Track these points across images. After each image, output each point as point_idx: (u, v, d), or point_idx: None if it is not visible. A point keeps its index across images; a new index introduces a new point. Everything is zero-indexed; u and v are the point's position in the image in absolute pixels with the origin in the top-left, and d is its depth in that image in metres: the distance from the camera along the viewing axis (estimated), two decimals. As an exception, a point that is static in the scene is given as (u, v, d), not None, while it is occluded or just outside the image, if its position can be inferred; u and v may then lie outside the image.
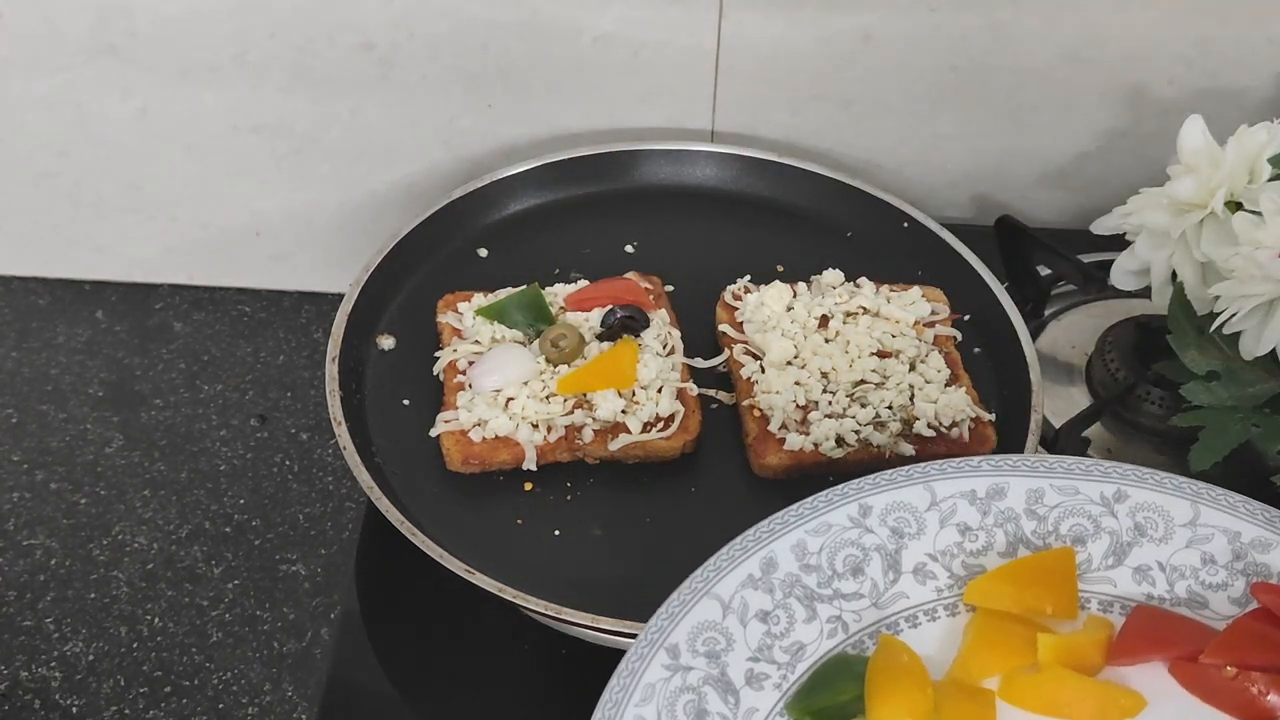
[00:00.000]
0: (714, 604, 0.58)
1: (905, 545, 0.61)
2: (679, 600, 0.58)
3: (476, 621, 0.76)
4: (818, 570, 0.60)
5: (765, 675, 0.58)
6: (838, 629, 0.59)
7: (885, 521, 0.61)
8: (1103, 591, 0.61)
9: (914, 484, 0.62)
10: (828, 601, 0.59)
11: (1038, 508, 0.61)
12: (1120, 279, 0.81)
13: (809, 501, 0.61)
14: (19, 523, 0.84)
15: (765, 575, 0.59)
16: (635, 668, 0.57)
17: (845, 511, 0.61)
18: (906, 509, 0.61)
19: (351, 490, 0.87)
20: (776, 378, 0.78)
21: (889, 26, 0.90)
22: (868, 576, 0.60)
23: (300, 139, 0.93)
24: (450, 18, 0.87)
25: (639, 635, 0.58)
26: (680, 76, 0.92)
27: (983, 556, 0.61)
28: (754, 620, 0.58)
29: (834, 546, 0.60)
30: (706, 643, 0.58)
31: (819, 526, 0.60)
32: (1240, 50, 0.91)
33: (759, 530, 0.60)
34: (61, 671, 0.77)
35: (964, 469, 0.62)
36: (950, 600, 0.61)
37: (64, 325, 0.97)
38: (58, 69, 0.89)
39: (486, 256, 0.89)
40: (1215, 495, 0.61)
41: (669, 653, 0.57)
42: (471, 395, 0.77)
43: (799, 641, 0.59)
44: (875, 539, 0.61)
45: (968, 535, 0.61)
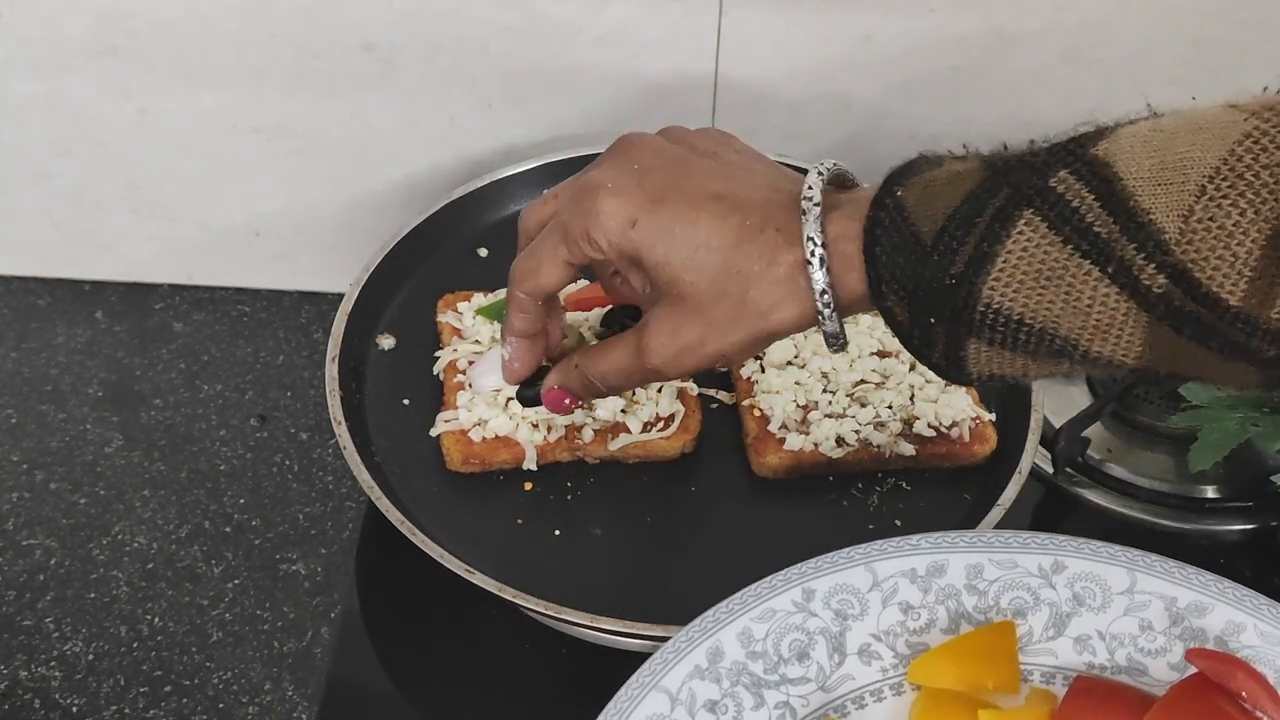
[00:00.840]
0: (662, 697, 0.58)
1: (849, 627, 0.61)
2: (626, 695, 0.58)
3: (476, 621, 0.76)
4: (764, 657, 0.60)
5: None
6: (786, 714, 0.59)
7: (829, 604, 0.61)
8: (1044, 663, 0.61)
9: (855, 565, 0.62)
10: (775, 688, 0.60)
11: (978, 583, 0.62)
12: (1120, 279, 0.81)
13: (753, 588, 0.61)
14: (19, 523, 0.84)
15: (712, 665, 0.59)
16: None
17: (789, 596, 0.61)
18: (849, 590, 0.62)
19: (351, 490, 0.87)
20: (776, 378, 0.78)
21: (889, 26, 0.90)
22: (813, 660, 0.60)
23: (300, 139, 0.93)
24: (451, 18, 0.87)
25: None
26: (680, 76, 0.92)
27: (926, 634, 0.61)
28: (702, 710, 0.58)
29: (779, 632, 0.60)
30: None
31: (764, 613, 0.61)
32: (1240, 50, 0.91)
33: (704, 620, 0.60)
34: (61, 671, 0.77)
35: (904, 548, 0.62)
36: (895, 680, 0.61)
37: (63, 325, 0.97)
38: (58, 69, 0.89)
39: (486, 256, 0.89)
40: (1150, 562, 0.62)
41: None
42: (471, 395, 0.77)
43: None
44: (819, 622, 0.61)
45: (910, 614, 0.62)
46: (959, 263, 0.50)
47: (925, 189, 0.53)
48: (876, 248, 0.52)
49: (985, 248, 0.50)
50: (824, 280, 0.54)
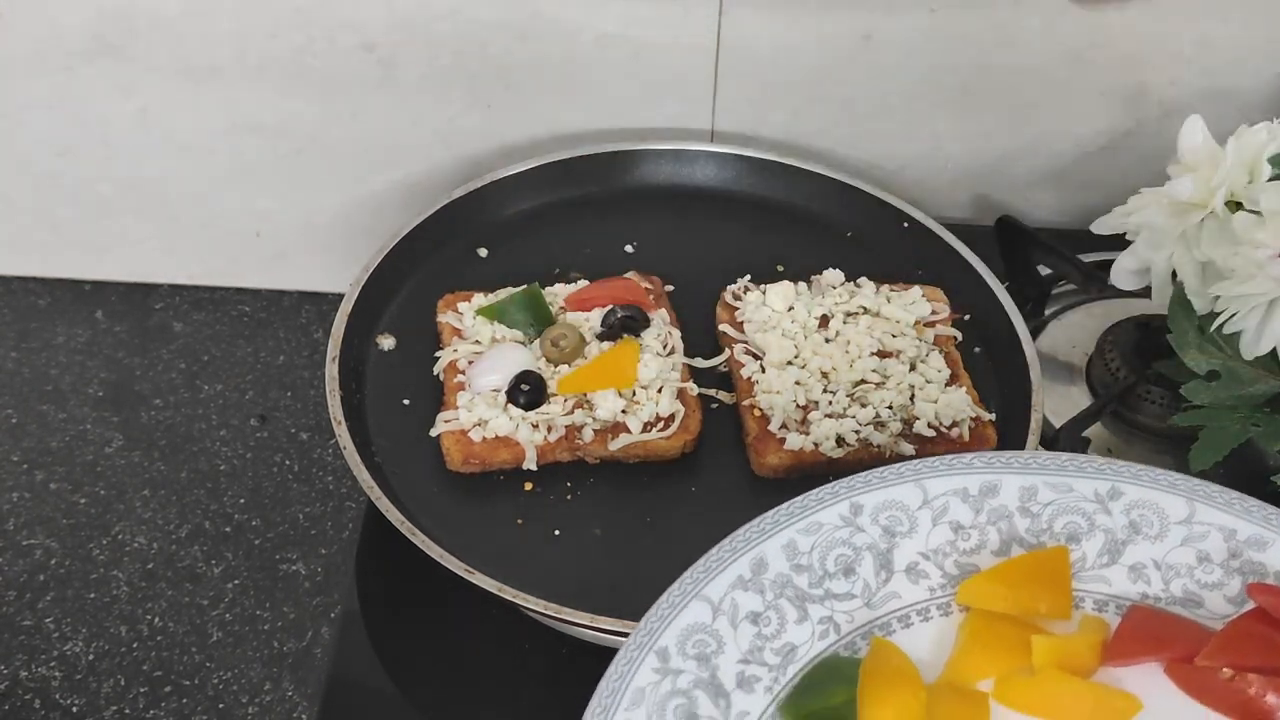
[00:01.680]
0: (704, 606, 0.57)
1: (897, 544, 0.60)
2: (668, 602, 0.57)
3: (476, 621, 0.76)
4: (809, 570, 0.59)
5: (756, 678, 0.57)
6: (829, 630, 0.58)
7: (877, 520, 0.60)
8: (1097, 590, 0.60)
9: (905, 482, 0.61)
10: (819, 602, 0.59)
11: (1031, 505, 0.61)
12: (1120, 279, 0.81)
13: (799, 500, 0.60)
14: (19, 523, 0.84)
15: (755, 576, 0.58)
16: (624, 671, 0.56)
17: (836, 510, 0.60)
18: (898, 507, 0.61)
19: (351, 490, 0.87)
20: (777, 378, 0.78)
21: (889, 26, 0.90)
22: (859, 576, 0.59)
23: (300, 139, 0.93)
24: (450, 18, 0.87)
25: (628, 638, 0.57)
26: (680, 76, 0.92)
27: (976, 555, 0.60)
28: (744, 622, 0.58)
29: (825, 546, 0.60)
30: (696, 645, 0.57)
31: (810, 526, 0.60)
32: (1240, 50, 0.91)
33: (749, 530, 0.59)
34: (61, 671, 0.77)
35: (956, 466, 0.61)
36: (943, 600, 0.60)
37: (64, 325, 0.97)
38: (58, 69, 0.89)
39: (486, 256, 0.89)
40: (1211, 492, 0.60)
41: (658, 656, 0.56)
42: (471, 395, 0.77)
43: (790, 643, 0.58)
44: (867, 538, 0.60)
45: (960, 534, 0.61)
46: None
47: None
48: None
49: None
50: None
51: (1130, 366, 0.86)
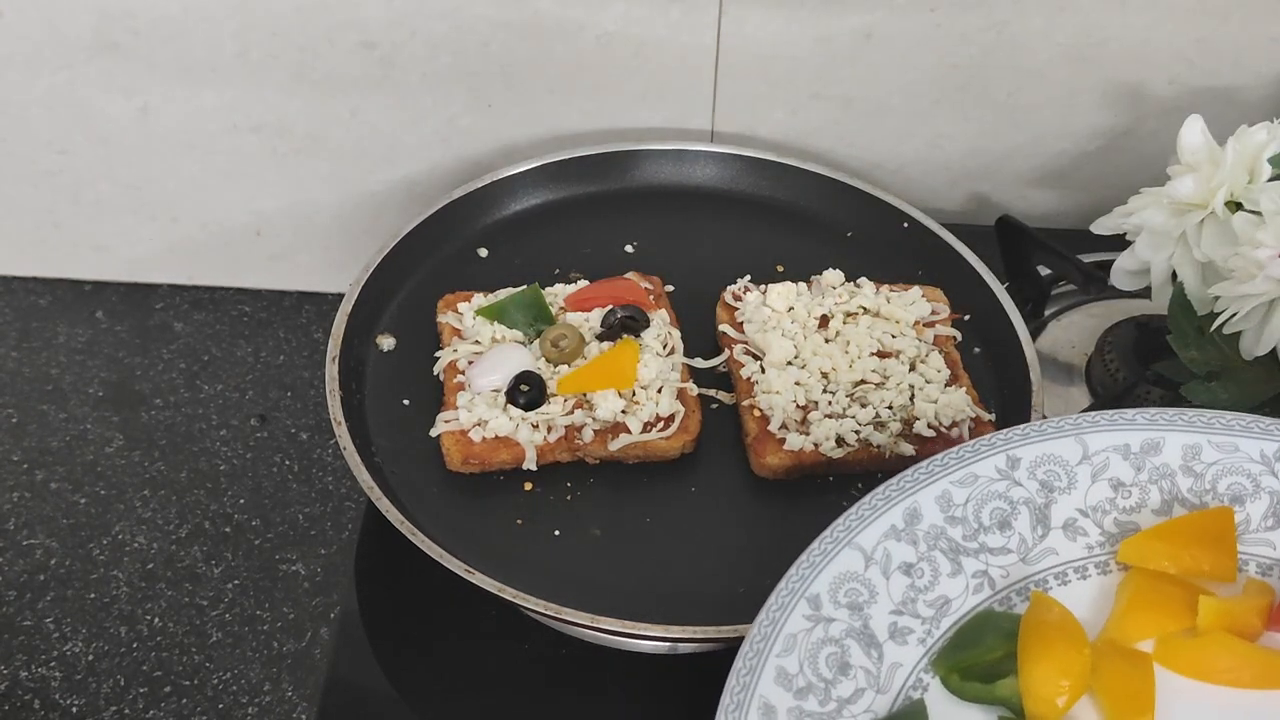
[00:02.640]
0: (856, 555, 0.57)
1: (1055, 500, 0.59)
2: (820, 549, 0.57)
3: (476, 621, 0.76)
4: (963, 523, 0.58)
5: (909, 630, 0.57)
6: (984, 584, 0.58)
7: (1034, 474, 0.59)
8: (1262, 554, 0.59)
9: (1065, 436, 0.60)
10: (973, 555, 0.58)
11: (1194, 464, 0.59)
12: (1120, 279, 0.81)
13: (954, 451, 0.59)
14: (19, 523, 0.84)
15: (909, 526, 0.58)
16: (776, 618, 0.55)
17: (993, 462, 0.59)
18: (1057, 462, 0.59)
19: (351, 490, 0.87)
20: (776, 378, 0.78)
21: (889, 26, 0.90)
22: (1015, 531, 0.58)
23: (300, 139, 0.93)
24: (451, 17, 0.87)
25: (779, 584, 0.56)
26: (680, 76, 0.92)
27: (1136, 514, 0.59)
28: (897, 572, 0.57)
29: (980, 499, 0.59)
30: (848, 594, 0.56)
31: (965, 477, 0.59)
32: (1240, 50, 0.91)
33: (902, 480, 0.59)
34: (61, 671, 0.77)
35: (1118, 422, 0.60)
36: (1102, 558, 0.59)
37: (64, 325, 0.97)
38: (58, 68, 0.89)
39: (486, 256, 0.89)
40: None
41: (810, 603, 0.56)
42: (471, 395, 0.77)
43: (944, 596, 0.57)
44: (1023, 492, 0.59)
45: (1120, 491, 0.59)
46: None
47: None
48: None
49: None
50: None
51: (1130, 366, 0.86)
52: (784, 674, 0.55)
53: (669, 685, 0.74)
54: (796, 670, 0.55)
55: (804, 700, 0.55)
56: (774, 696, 0.54)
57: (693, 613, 0.68)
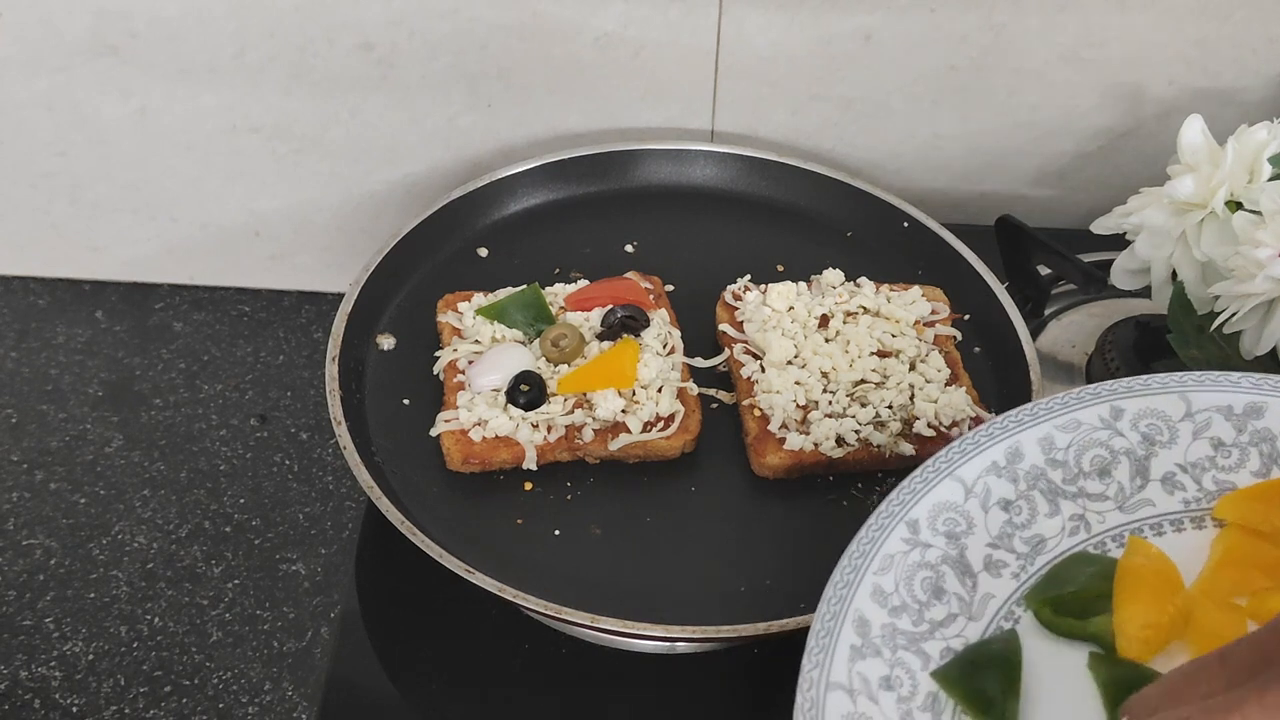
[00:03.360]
0: (956, 486, 0.58)
1: (1155, 453, 0.60)
2: (921, 477, 0.58)
3: (476, 621, 0.76)
4: (1064, 466, 0.60)
5: (1004, 563, 0.58)
6: (1080, 527, 0.59)
7: (1137, 426, 0.60)
8: None
9: (1169, 392, 0.61)
10: (1071, 499, 0.59)
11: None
12: (1120, 279, 0.81)
13: (1059, 397, 0.61)
14: (19, 523, 0.84)
15: (1010, 465, 0.59)
16: (875, 537, 0.57)
17: (1096, 411, 0.60)
18: (1159, 416, 0.60)
19: (351, 490, 0.87)
20: (777, 377, 0.78)
21: (889, 26, 0.90)
22: (1114, 479, 0.60)
23: (300, 139, 0.93)
24: (450, 18, 0.87)
25: (879, 508, 0.58)
26: (680, 76, 0.92)
27: (1234, 474, 0.60)
28: (995, 508, 0.58)
29: (1082, 445, 0.60)
30: (946, 523, 0.58)
31: (1068, 423, 0.60)
32: (1240, 50, 0.91)
33: (1006, 419, 0.60)
34: (61, 671, 0.77)
35: (1222, 383, 0.61)
36: (1198, 513, 0.60)
37: (64, 325, 0.97)
38: (57, 69, 0.89)
39: (486, 256, 0.89)
40: None
41: (909, 527, 0.58)
42: (471, 395, 0.77)
43: (1040, 535, 0.59)
44: (1125, 442, 0.60)
45: (1220, 450, 0.60)
46: None
47: None
48: None
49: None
50: None
51: (1130, 366, 0.86)
52: (880, 591, 0.57)
53: (669, 685, 0.74)
54: (892, 589, 0.57)
55: (897, 618, 0.57)
56: (869, 611, 0.57)
57: (693, 613, 0.68)
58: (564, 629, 0.74)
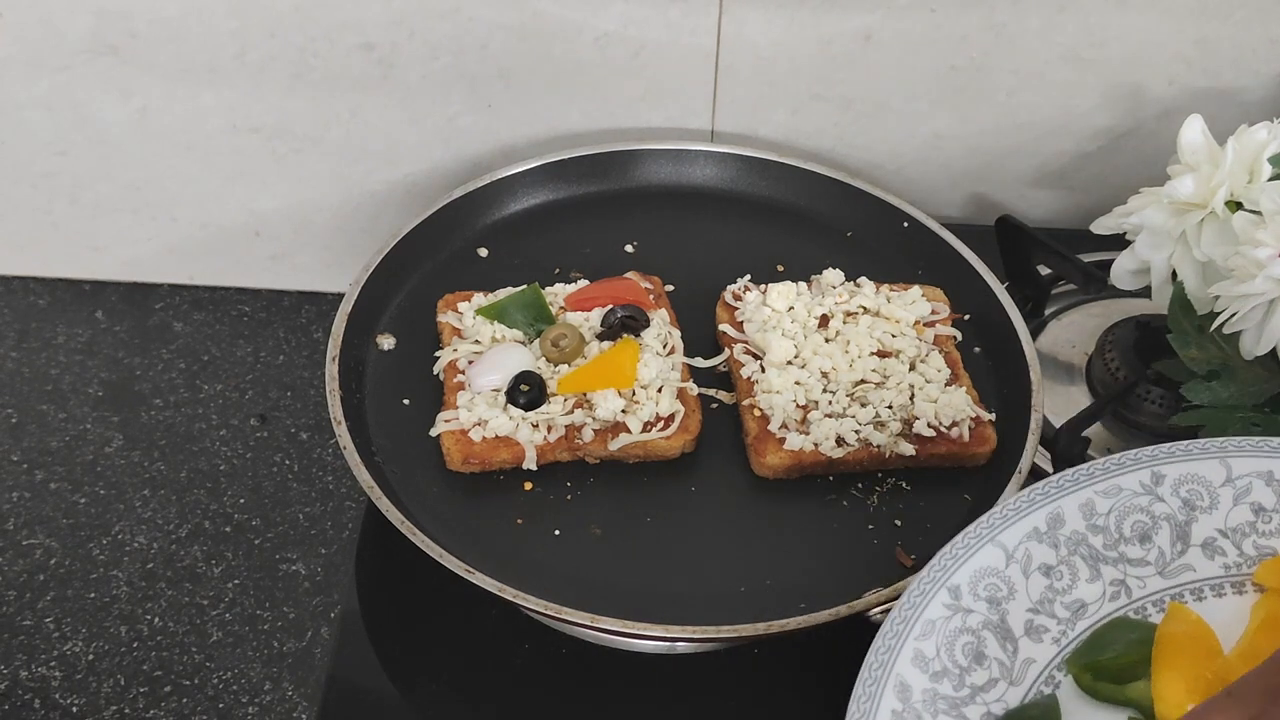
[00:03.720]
0: (998, 551, 0.59)
1: (1196, 518, 0.61)
2: (963, 543, 0.59)
3: (476, 621, 0.76)
4: (1104, 532, 0.60)
5: (1045, 628, 0.59)
6: (1121, 592, 0.60)
7: (1177, 492, 0.61)
8: None
9: (1210, 458, 0.61)
10: (1112, 564, 0.60)
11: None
12: (1120, 279, 0.81)
13: (1100, 463, 0.61)
14: (19, 522, 0.84)
15: (1051, 530, 0.60)
16: (916, 602, 0.58)
17: (1137, 477, 0.61)
18: (1200, 482, 0.61)
19: (351, 490, 0.87)
20: (777, 377, 0.78)
21: (889, 27, 0.90)
22: (1155, 544, 0.60)
23: (300, 139, 0.93)
24: (450, 18, 0.87)
25: (921, 573, 0.59)
26: (680, 76, 0.92)
27: (1275, 539, 0.60)
28: (1036, 573, 0.59)
29: (1123, 511, 0.60)
30: (988, 588, 0.59)
31: (1109, 489, 0.61)
32: (1240, 50, 0.91)
33: (1048, 485, 0.61)
34: (61, 671, 0.77)
35: (1263, 449, 0.62)
36: (1238, 579, 0.60)
37: (64, 325, 0.97)
38: (58, 69, 0.89)
39: (486, 256, 0.89)
40: None
41: (950, 592, 0.58)
42: (471, 395, 0.77)
43: (1080, 600, 0.59)
44: (1166, 508, 0.61)
45: (1261, 516, 0.61)
46: None
47: None
48: None
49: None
50: None
51: (1130, 366, 0.86)
52: (921, 656, 0.57)
53: (669, 685, 0.74)
54: (933, 654, 0.58)
55: (939, 683, 0.57)
56: (910, 676, 0.57)
57: (693, 613, 0.68)
58: (564, 629, 0.74)
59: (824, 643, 0.73)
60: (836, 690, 0.72)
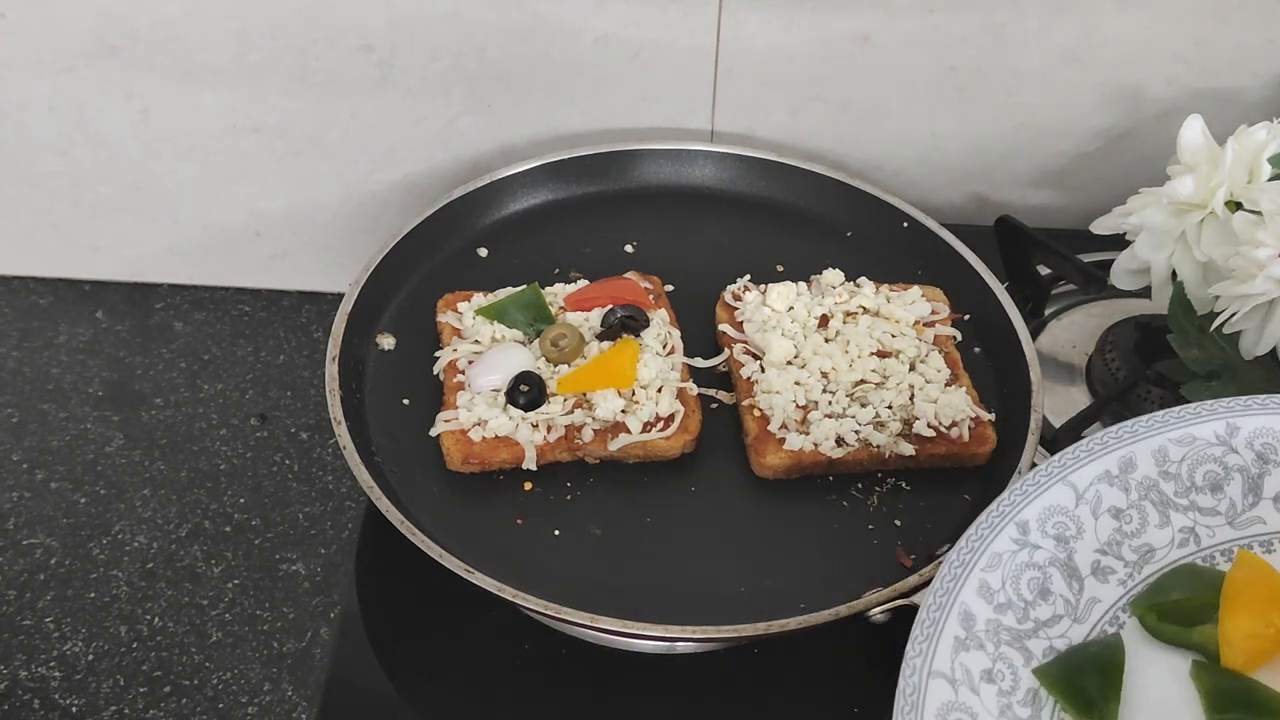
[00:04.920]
0: (1068, 491, 0.59)
1: (1269, 471, 0.61)
2: (1033, 480, 0.59)
3: (476, 621, 0.76)
4: (1176, 479, 0.60)
5: (1111, 569, 0.59)
6: (1189, 539, 0.60)
7: (1252, 445, 0.61)
8: None
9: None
10: (1183, 511, 0.60)
11: None
12: (1120, 279, 0.81)
13: (1175, 411, 0.61)
14: (19, 522, 0.84)
15: (1123, 474, 0.60)
16: (984, 534, 0.58)
17: (1212, 427, 0.61)
18: (1276, 436, 0.61)
19: (351, 490, 0.87)
20: (777, 378, 0.78)
21: (888, 27, 0.90)
22: (1226, 495, 0.60)
23: (300, 139, 0.93)
24: (450, 19, 0.87)
25: (989, 507, 0.59)
26: (680, 76, 0.92)
27: None
28: (1106, 515, 0.59)
29: (1195, 460, 0.61)
30: (1056, 526, 0.59)
31: (1183, 437, 0.61)
32: (1240, 50, 0.91)
33: (1121, 429, 0.61)
34: (61, 671, 0.77)
35: None
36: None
37: (65, 325, 0.97)
38: (59, 70, 0.89)
39: (486, 256, 0.89)
40: None
41: (1018, 527, 0.58)
42: (471, 395, 0.77)
43: (1149, 544, 0.60)
44: (1239, 460, 0.61)
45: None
46: None
47: None
48: None
49: None
50: None
51: (1130, 366, 0.86)
52: (986, 587, 0.58)
53: (669, 685, 0.74)
54: (999, 586, 0.58)
55: (1003, 615, 0.58)
56: (975, 606, 0.57)
57: (693, 613, 0.68)
58: (564, 629, 0.74)
59: (823, 643, 0.73)
60: (836, 690, 0.72)
